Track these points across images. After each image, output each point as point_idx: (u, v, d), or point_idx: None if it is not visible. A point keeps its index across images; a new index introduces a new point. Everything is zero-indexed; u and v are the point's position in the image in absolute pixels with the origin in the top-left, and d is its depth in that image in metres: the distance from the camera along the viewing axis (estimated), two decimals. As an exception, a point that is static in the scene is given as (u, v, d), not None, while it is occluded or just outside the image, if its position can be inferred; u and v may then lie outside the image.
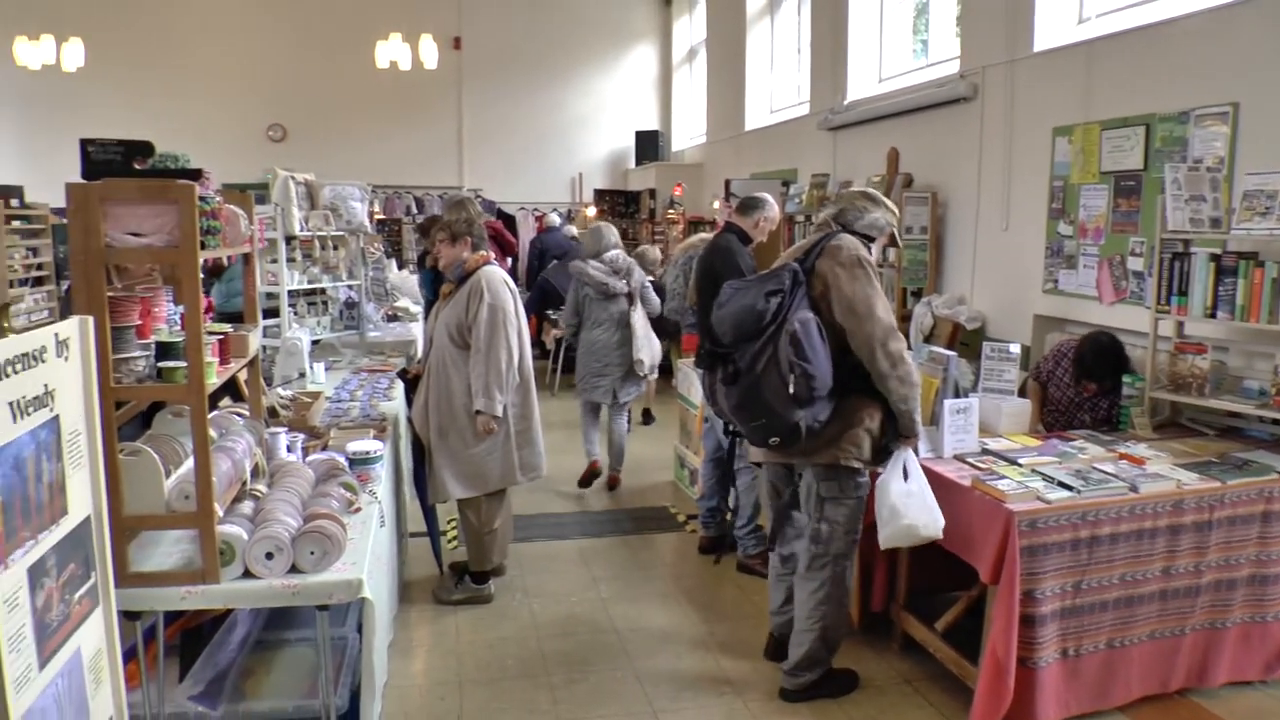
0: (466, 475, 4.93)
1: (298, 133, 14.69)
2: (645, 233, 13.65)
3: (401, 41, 12.13)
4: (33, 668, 2.18)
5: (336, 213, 6.84)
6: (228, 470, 3.18)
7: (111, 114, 12.96)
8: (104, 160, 3.06)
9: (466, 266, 4.94)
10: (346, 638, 3.74)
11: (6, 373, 2.08)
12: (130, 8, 13.77)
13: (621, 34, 15.60)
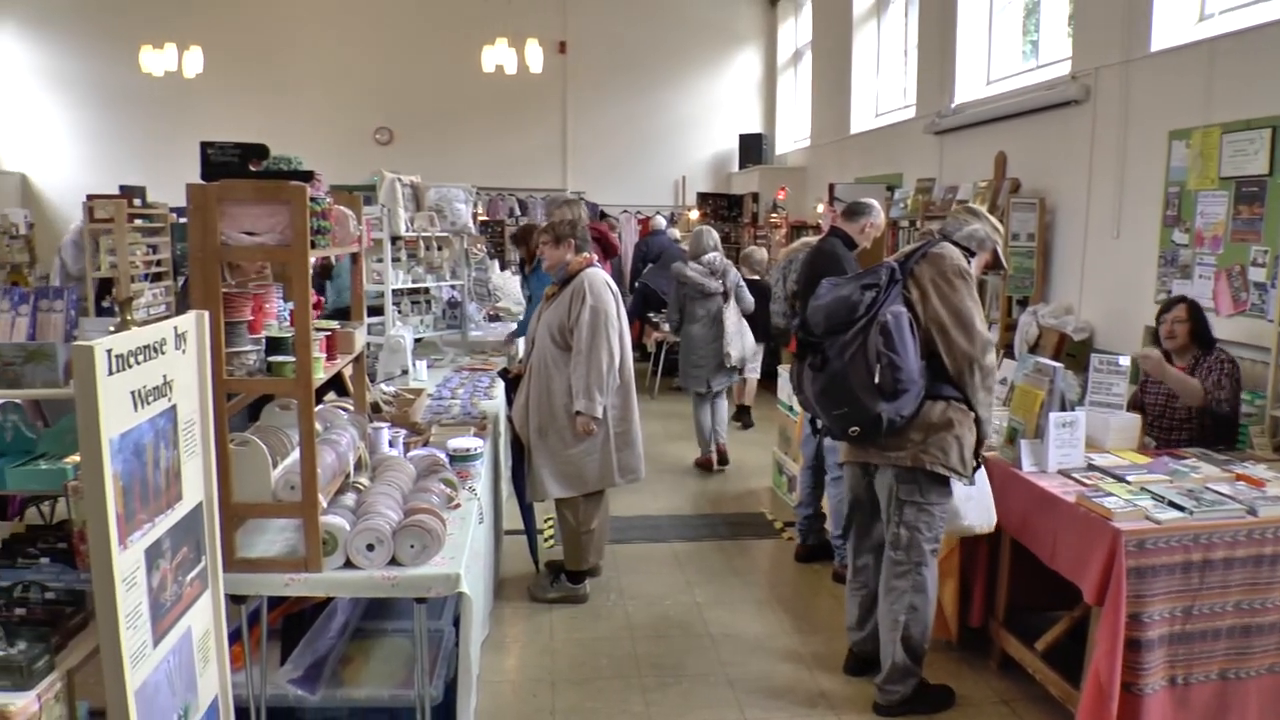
0: (565, 475, 4.98)
1: (404, 136, 15.02)
2: (748, 236, 13.59)
3: (508, 46, 12.30)
4: (147, 644, 2.29)
5: (441, 214, 6.98)
6: (332, 463, 3.27)
7: (227, 118, 13.46)
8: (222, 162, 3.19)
9: (570, 269, 4.99)
10: (443, 631, 3.80)
11: (129, 363, 2.19)
12: (247, 17, 14.27)
13: (726, 36, 15.57)
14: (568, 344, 4.88)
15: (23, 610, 2.47)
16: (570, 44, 15.08)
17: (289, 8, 14.49)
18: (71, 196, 13.17)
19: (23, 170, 14.51)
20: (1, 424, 3.09)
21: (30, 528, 3.15)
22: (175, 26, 12.73)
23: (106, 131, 14.42)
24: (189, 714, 2.57)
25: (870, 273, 3.81)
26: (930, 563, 3.93)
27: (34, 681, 2.25)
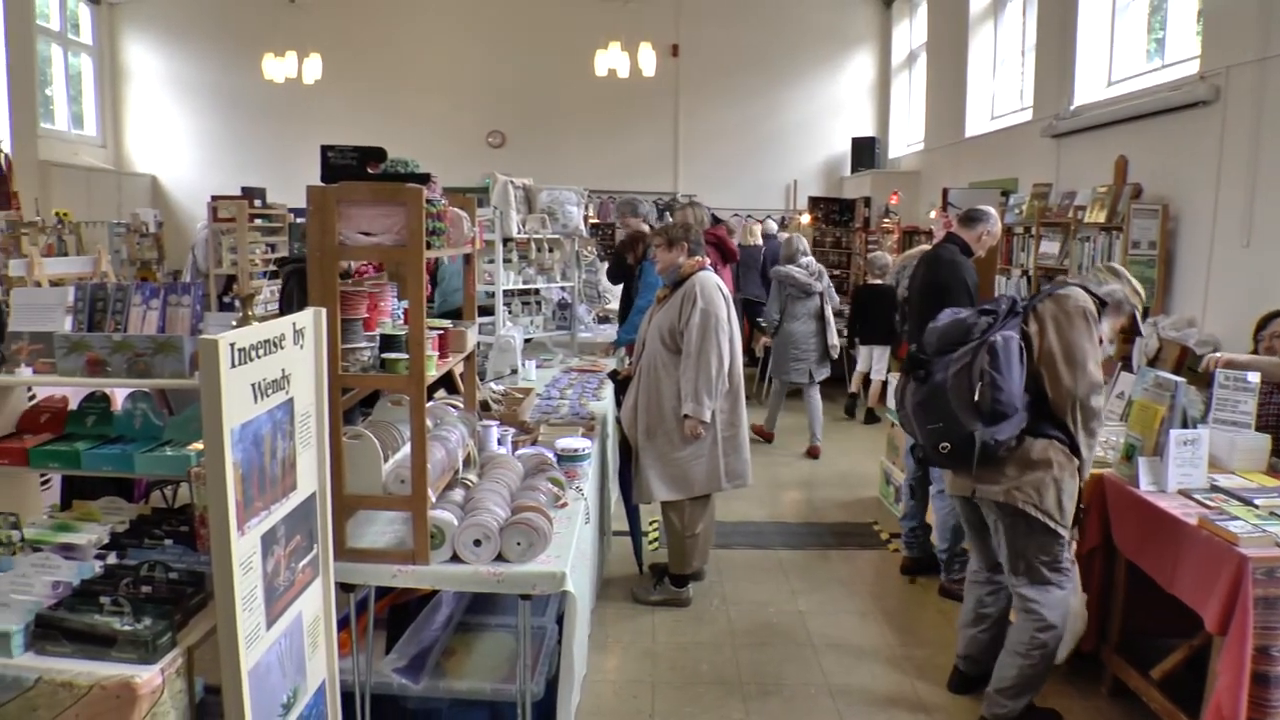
0: (671, 478, 4.99)
1: (516, 139, 15.26)
2: (859, 241, 13.40)
3: (620, 50, 12.39)
4: (261, 626, 2.38)
5: (553, 216, 7.06)
6: (442, 459, 3.34)
7: (344, 122, 14.00)
8: (341, 165, 3.26)
9: (681, 272, 5.01)
10: (546, 628, 3.85)
11: (250, 357, 2.28)
12: (364, 25, 14.70)
13: (839, 39, 15.40)
14: (678, 347, 4.90)
15: (148, 588, 2.59)
16: (683, 47, 15.11)
17: (405, 16, 14.87)
18: (197, 197, 13.87)
19: (153, 172, 15.33)
20: (131, 412, 3.25)
21: (155, 510, 3.31)
22: (296, 35, 13.20)
23: (230, 136, 15.12)
24: (297, 696, 2.65)
25: (991, 302, 3.81)
26: (1059, 582, 3.80)
27: (158, 656, 2.37)
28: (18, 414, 3.34)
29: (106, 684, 2.29)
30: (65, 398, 3.43)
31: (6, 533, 2.92)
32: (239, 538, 2.24)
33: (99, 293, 3.13)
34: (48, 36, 13.72)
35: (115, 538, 2.99)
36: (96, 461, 3.09)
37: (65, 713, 2.30)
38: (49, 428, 3.30)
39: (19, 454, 3.14)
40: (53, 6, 13.87)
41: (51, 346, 3.02)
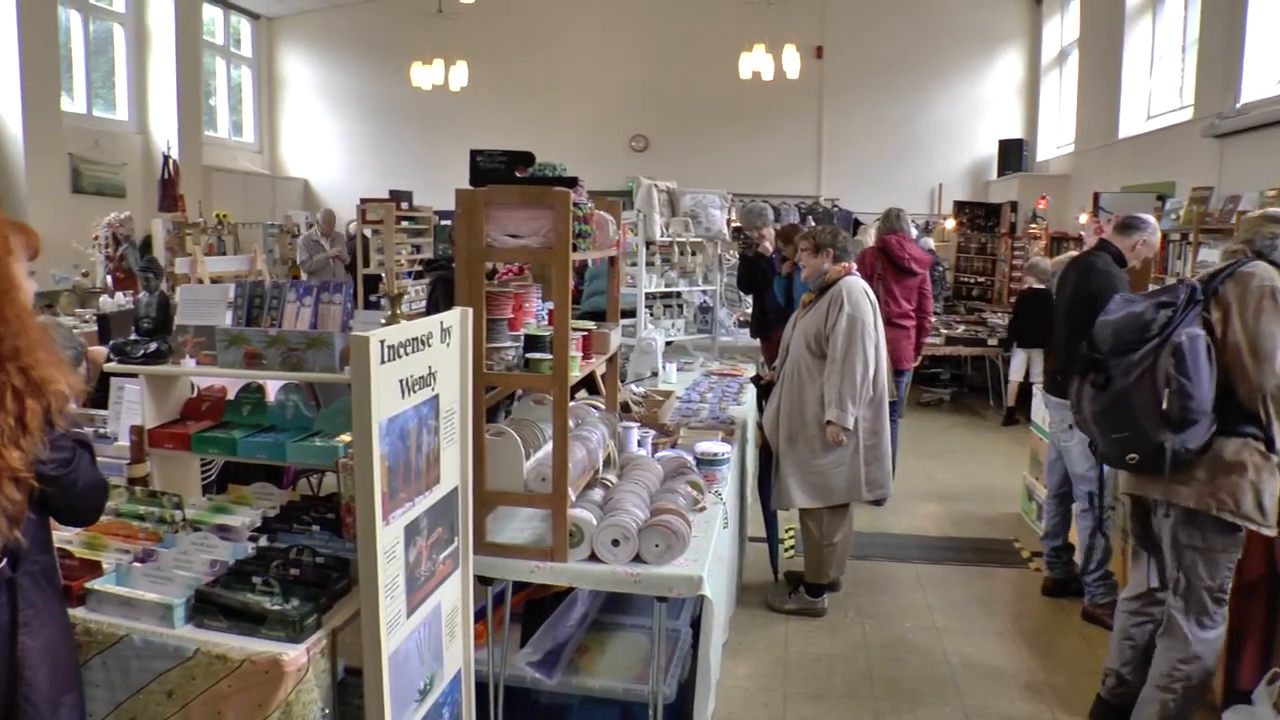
0: (812, 485, 4.93)
1: (659, 142, 15.33)
2: (1004, 247, 12.95)
3: (765, 53, 12.30)
4: (401, 614, 2.45)
5: (696, 219, 7.07)
6: (582, 458, 3.38)
7: (489, 127, 14.38)
8: (490, 169, 3.33)
9: (828, 277, 4.95)
10: (680, 631, 3.85)
11: (399, 353, 2.35)
12: (508, 33, 15.02)
13: (987, 37, 14.92)
14: (823, 352, 4.84)
15: (296, 571, 2.70)
16: (827, 48, 14.90)
17: (550, 23, 15.13)
18: (346, 200, 14.46)
19: (305, 176, 16.15)
20: (284, 403, 3.40)
21: (303, 497, 3.45)
22: (443, 44, 13.57)
23: (378, 141, 15.76)
24: (434, 683, 2.72)
25: (1168, 290, 3.49)
26: (1214, 616, 3.55)
27: (304, 636, 2.46)
28: (181, 402, 3.53)
29: (257, 659, 2.40)
30: (224, 388, 3.60)
31: (170, 512, 3.10)
32: (384, 527, 2.32)
33: (257, 290, 3.27)
34: (212, 50, 14.69)
35: (266, 522, 3.13)
36: (251, 449, 3.24)
37: (219, 683, 2.42)
38: (209, 415, 3.48)
39: (183, 439, 3.33)
40: (217, 23, 14.86)
41: (213, 340, 3.18)
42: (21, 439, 1.98)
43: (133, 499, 3.22)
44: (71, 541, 2.99)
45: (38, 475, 2.04)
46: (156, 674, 2.49)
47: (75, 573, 2.72)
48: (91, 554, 2.90)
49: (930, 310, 7.52)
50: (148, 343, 3.37)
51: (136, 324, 3.52)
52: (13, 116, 10.27)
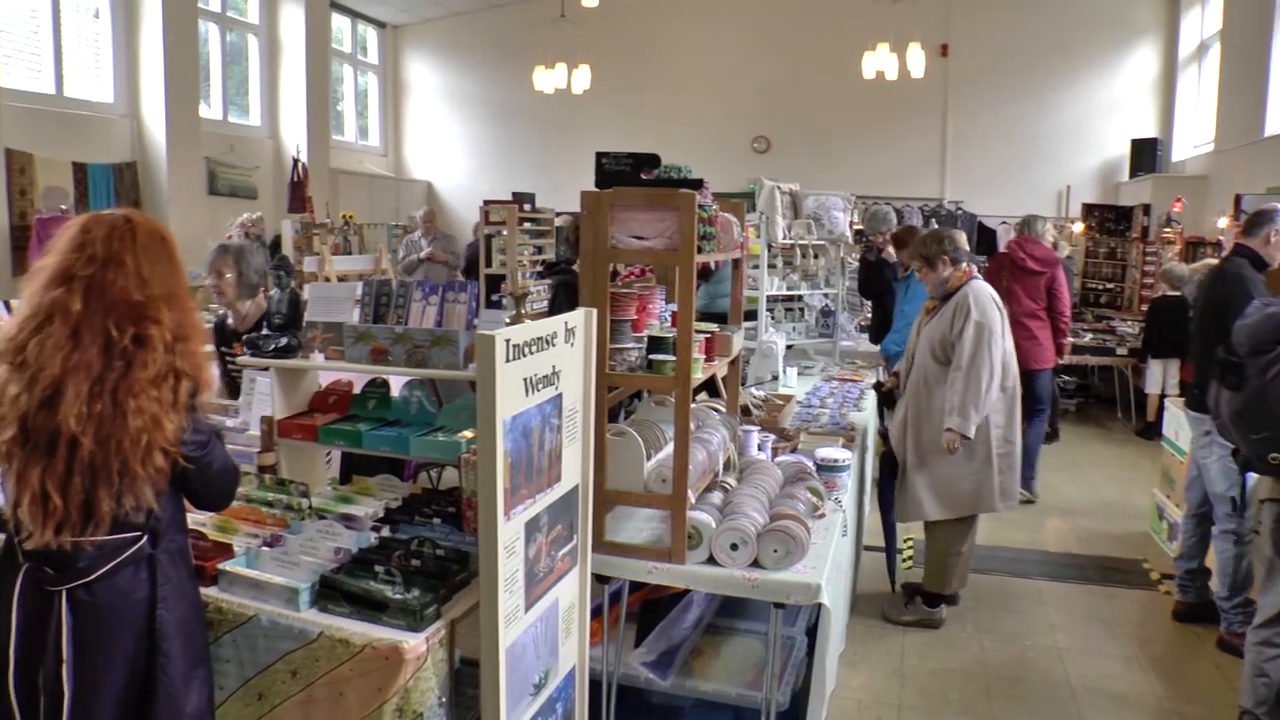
0: (940, 495, 4.83)
1: (781, 144, 15.15)
2: (1136, 252, 12.35)
3: (889, 52, 12.05)
4: (519, 608, 2.47)
5: (819, 222, 7.00)
6: (702, 460, 3.36)
7: (611, 129, 14.40)
8: (615, 171, 3.34)
9: (949, 284, 4.84)
10: (795, 638, 3.80)
11: (524, 352, 2.37)
12: (630, 36, 15.02)
13: (1120, 30, 14.17)
14: (948, 359, 4.73)
15: (417, 562, 2.75)
16: (952, 46, 14.46)
17: (671, 26, 15.09)
18: (468, 202, 14.75)
19: (428, 179, 16.49)
20: (408, 398, 3.47)
21: (425, 490, 3.51)
22: (565, 48, 13.66)
23: (501, 144, 15.95)
24: (549, 677, 2.75)
25: None
26: None
27: (424, 625, 2.50)
28: (309, 395, 3.65)
29: (378, 645, 2.45)
30: (350, 382, 3.71)
31: (298, 500, 3.19)
32: (505, 523, 2.34)
33: (384, 288, 3.36)
34: (340, 58, 15.17)
35: (389, 513, 3.20)
36: (376, 442, 3.32)
37: (341, 666, 2.49)
38: (336, 409, 3.59)
39: (310, 431, 3.44)
40: (345, 32, 15.32)
41: (341, 336, 3.28)
42: (174, 414, 2.18)
43: (262, 486, 3.33)
44: (205, 525, 3.11)
45: (180, 454, 2.22)
46: (282, 654, 2.58)
47: (208, 554, 2.84)
48: (223, 537, 3.01)
49: (1063, 309, 7.27)
50: (278, 337, 3.49)
51: (268, 319, 3.65)
52: (157, 124, 10.87)
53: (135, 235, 2.24)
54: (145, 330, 2.17)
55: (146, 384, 2.14)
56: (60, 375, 2.09)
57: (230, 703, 2.65)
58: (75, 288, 2.14)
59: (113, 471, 2.11)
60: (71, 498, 2.10)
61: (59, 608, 2.15)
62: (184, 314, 2.26)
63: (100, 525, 2.14)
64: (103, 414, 2.09)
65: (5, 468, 2.14)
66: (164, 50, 10.65)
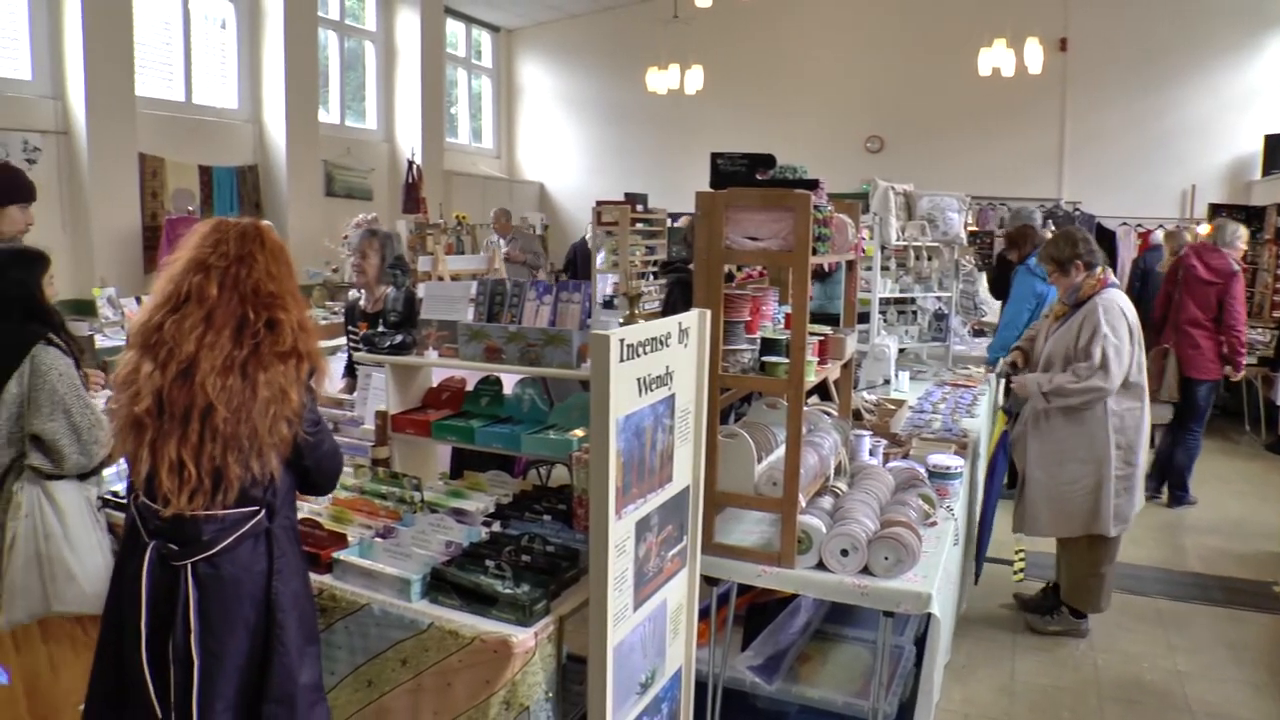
0: (1055, 512, 4.70)
1: (894, 143, 14.87)
2: (1268, 256, 11.72)
3: (1005, 47, 11.73)
4: (628, 607, 2.48)
5: (933, 223, 6.86)
6: (814, 464, 3.32)
7: (723, 129, 14.34)
8: (730, 171, 3.33)
9: (1081, 292, 4.66)
10: (903, 648, 3.72)
11: (638, 352, 2.38)
12: (743, 36, 14.92)
13: (1253, 20, 13.30)
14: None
15: (527, 558, 2.79)
16: (1072, 40, 13.91)
17: (784, 25, 14.94)
18: (580, 202, 14.88)
19: (540, 180, 16.69)
20: (521, 396, 3.52)
21: (535, 487, 3.55)
22: (678, 49, 13.63)
23: (613, 145, 16.04)
24: (655, 678, 2.75)
25: None
26: None
27: (533, 620, 2.53)
28: (423, 391, 3.72)
29: (487, 638, 2.49)
30: (463, 379, 3.77)
31: (410, 493, 3.26)
32: (615, 521, 2.35)
33: (498, 288, 3.40)
34: (454, 62, 15.48)
35: (499, 508, 3.25)
36: (488, 438, 3.37)
37: (450, 657, 2.54)
38: (449, 405, 3.66)
39: (424, 426, 3.52)
40: (460, 36, 15.63)
41: (455, 334, 3.33)
42: (297, 389, 2.36)
43: (375, 479, 3.41)
44: (321, 514, 3.20)
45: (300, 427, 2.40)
46: (393, 642, 2.64)
47: (323, 543, 2.93)
48: (338, 527, 3.10)
49: (1233, 322, 6.96)
50: (394, 335, 3.58)
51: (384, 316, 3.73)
52: (278, 128, 11.32)
53: (263, 239, 2.45)
54: (276, 315, 2.36)
55: (275, 360, 2.33)
56: (195, 352, 2.26)
57: (340, 688, 2.73)
58: (212, 276, 2.34)
59: (243, 439, 2.28)
60: (204, 465, 2.26)
61: (185, 582, 2.28)
62: (302, 311, 2.46)
63: (229, 492, 2.30)
64: (234, 387, 2.27)
65: (138, 440, 2.28)
66: (285, 58, 11.12)
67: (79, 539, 3.10)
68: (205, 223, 2.47)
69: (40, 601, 3.08)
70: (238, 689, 2.34)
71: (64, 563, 3.07)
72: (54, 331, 3.17)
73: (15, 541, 3.05)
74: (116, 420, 2.34)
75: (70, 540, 3.08)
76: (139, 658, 2.28)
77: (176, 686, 2.28)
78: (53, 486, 3.09)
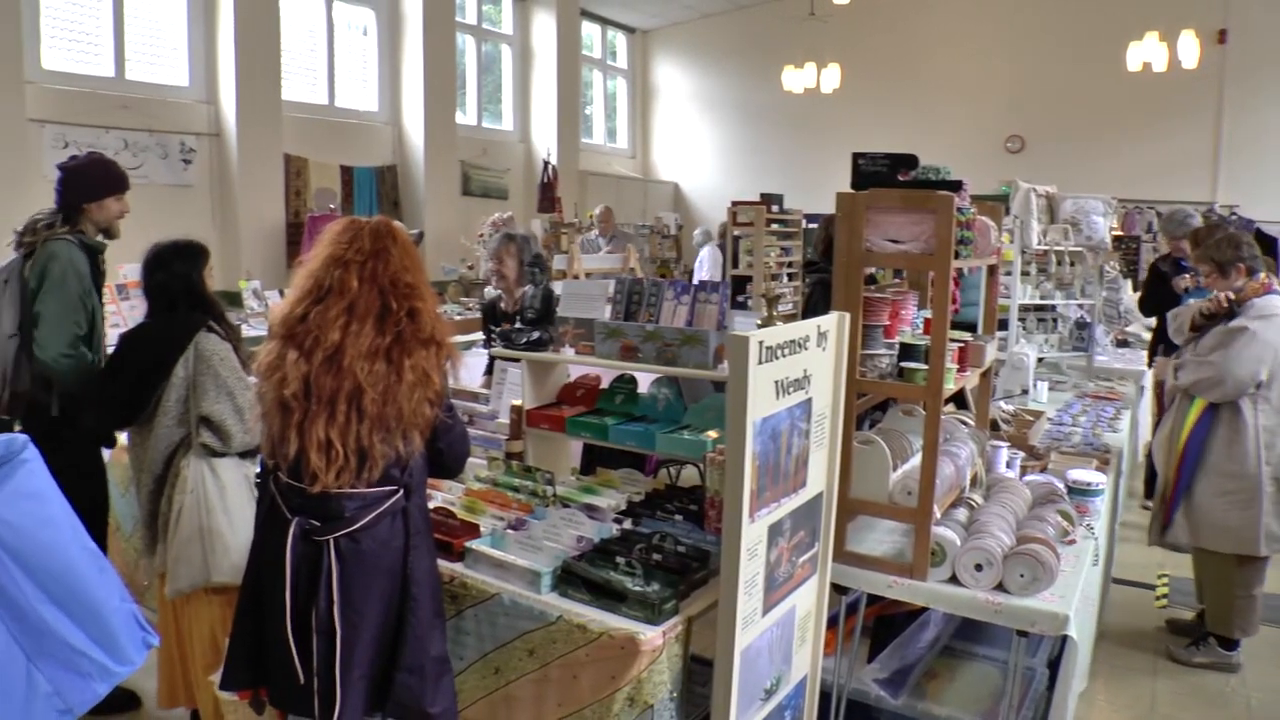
0: (1198, 524, 4.47)
1: (1036, 143, 14.32)
2: None
3: (1158, 41, 11.17)
4: (757, 612, 2.46)
5: (1076, 227, 6.62)
6: (950, 474, 3.23)
7: (860, 128, 14.01)
8: (871, 172, 3.27)
9: (1240, 296, 4.44)
10: (1035, 670, 3.59)
11: (776, 355, 2.35)
12: (880, 33, 14.63)
13: None
14: None
15: (658, 556, 2.78)
16: (1232, 31, 13.11)
17: (921, 20, 14.58)
18: (714, 203, 14.90)
19: (675, 180, 16.75)
20: (656, 395, 3.52)
21: (667, 486, 3.55)
22: (815, 48, 13.45)
23: (748, 145, 15.96)
24: (779, 684, 2.72)
25: None
26: None
27: (662, 619, 2.53)
28: (558, 387, 3.77)
29: (615, 634, 2.50)
30: (599, 376, 3.80)
31: (542, 487, 3.30)
32: (749, 525, 2.33)
33: (635, 287, 3.42)
34: (590, 64, 15.70)
35: (631, 506, 3.25)
36: (622, 436, 3.38)
37: (577, 650, 2.56)
38: (583, 401, 3.69)
39: (558, 422, 3.56)
40: (595, 38, 15.85)
41: (592, 332, 3.36)
42: (438, 373, 2.50)
43: (509, 471, 3.47)
44: (454, 504, 3.26)
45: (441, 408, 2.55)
46: (521, 632, 2.68)
47: (456, 532, 2.99)
48: (471, 517, 3.16)
49: None
50: (531, 331, 3.64)
51: (521, 314, 3.79)
52: (416, 130, 11.70)
53: (394, 235, 2.57)
54: (415, 305, 2.49)
55: (418, 346, 2.46)
56: (340, 340, 2.39)
57: (468, 673, 2.78)
58: (351, 270, 2.46)
59: (390, 420, 2.42)
60: (349, 444, 2.38)
61: (328, 555, 2.40)
62: (434, 302, 2.59)
63: (374, 470, 2.43)
64: (380, 371, 2.40)
65: (285, 422, 2.41)
66: (424, 62, 11.50)
67: (237, 513, 3.29)
68: (338, 222, 2.60)
69: (201, 571, 3.28)
70: (372, 659, 2.46)
71: (222, 536, 3.27)
72: (215, 320, 3.40)
73: (181, 514, 3.26)
74: (263, 404, 2.48)
75: (229, 514, 3.28)
76: (284, 627, 2.41)
77: (319, 654, 2.40)
78: (217, 463, 3.31)
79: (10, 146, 7.81)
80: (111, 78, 8.89)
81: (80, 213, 3.89)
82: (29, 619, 1.11)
